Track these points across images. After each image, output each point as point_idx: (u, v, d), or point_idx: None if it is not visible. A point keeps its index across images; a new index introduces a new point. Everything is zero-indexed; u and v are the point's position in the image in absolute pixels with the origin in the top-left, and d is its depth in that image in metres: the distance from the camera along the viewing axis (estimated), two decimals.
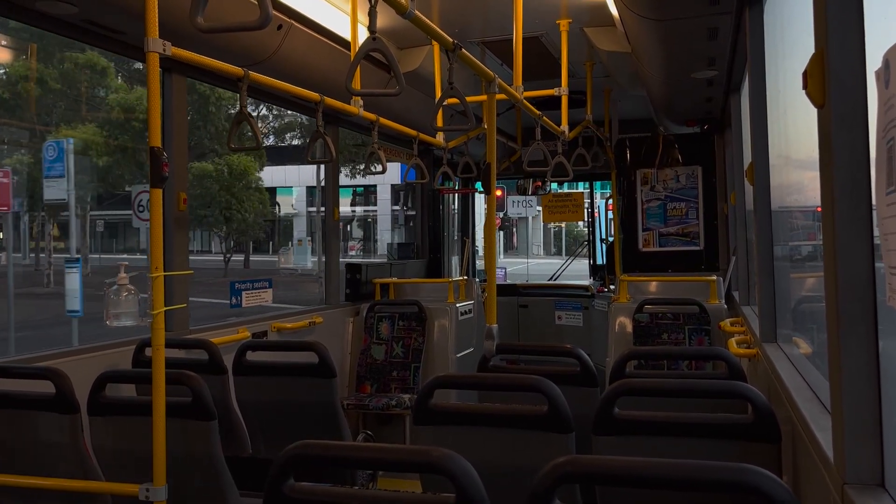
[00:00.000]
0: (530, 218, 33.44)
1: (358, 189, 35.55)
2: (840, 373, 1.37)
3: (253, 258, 31.77)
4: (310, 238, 32.72)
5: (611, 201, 7.35)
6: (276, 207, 34.44)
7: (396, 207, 33.66)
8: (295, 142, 29.10)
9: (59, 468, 2.47)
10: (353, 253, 35.46)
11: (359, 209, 37.00)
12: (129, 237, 35.27)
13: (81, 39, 3.41)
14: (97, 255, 28.95)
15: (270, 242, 35.34)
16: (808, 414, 1.82)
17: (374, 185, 32.96)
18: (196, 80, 4.06)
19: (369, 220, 36.03)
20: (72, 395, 2.44)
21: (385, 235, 33.69)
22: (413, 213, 7.68)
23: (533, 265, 23.21)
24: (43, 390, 2.46)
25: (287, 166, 32.23)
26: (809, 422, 1.75)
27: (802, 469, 1.86)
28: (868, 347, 1.35)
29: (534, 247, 36.87)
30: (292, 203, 36.07)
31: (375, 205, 34.88)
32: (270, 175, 35.48)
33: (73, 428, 2.44)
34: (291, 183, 35.38)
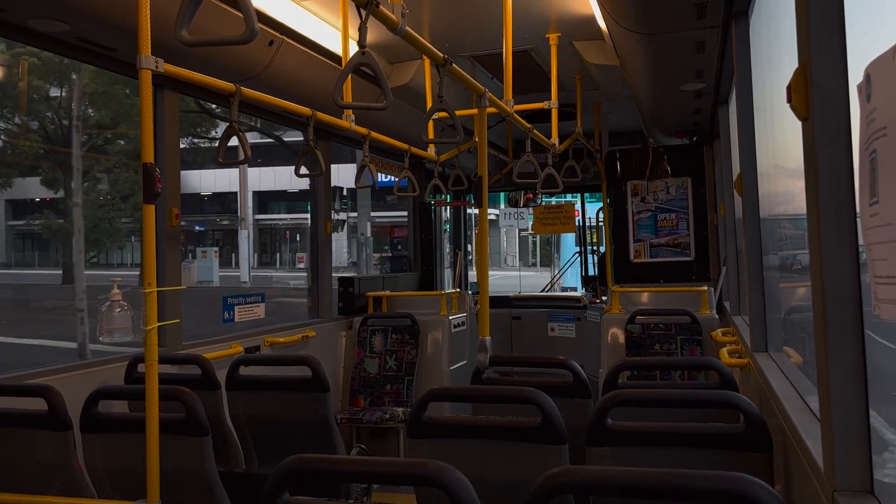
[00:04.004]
0: (503, 228, 30.93)
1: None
2: (828, 381, 1.38)
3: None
4: (215, 250, 28.54)
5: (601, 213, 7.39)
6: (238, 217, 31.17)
7: (354, 214, 30.62)
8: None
9: (52, 486, 2.46)
10: (301, 265, 31.64)
11: (304, 215, 32.50)
12: (52, 248, 31.41)
13: (74, 56, 3.43)
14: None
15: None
16: (799, 422, 1.84)
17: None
18: (189, 97, 4.07)
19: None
20: (64, 412, 2.43)
21: (340, 245, 30.05)
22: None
23: (500, 277, 21.72)
24: (35, 407, 2.45)
25: (231, 169, 28.32)
26: (800, 430, 1.77)
27: (794, 477, 1.87)
28: (855, 356, 1.36)
29: (508, 257, 35.63)
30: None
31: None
32: (214, 178, 31.87)
33: (66, 445, 2.43)
34: (237, 187, 31.61)
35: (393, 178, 6.22)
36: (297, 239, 35.18)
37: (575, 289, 10.24)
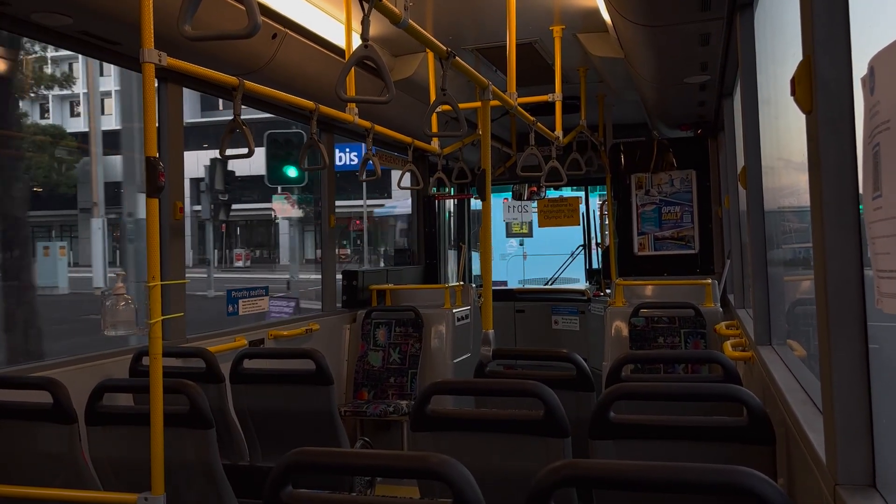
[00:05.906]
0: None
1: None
2: (831, 374, 1.38)
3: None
4: (61, 245, 22.86)
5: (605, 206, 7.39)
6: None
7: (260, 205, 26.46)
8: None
9: (57, 478, 2.47)
10: (238, 263, 28.17)
11: (251, 205, 28.63)
12: None
13: (77, 50, 3.43)
14: None
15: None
16: (802, 415, 1.84)
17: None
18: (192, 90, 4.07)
19: (277, 220, 28.70)
20: (69, 405, 2.44)
21: (291, 240, 25.82)
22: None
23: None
24: (40, 400, 2.46)
25: None
26: (802, 423, 1.77)
27: (796, 470, 1.87)
28: (858, 349, 1.36)
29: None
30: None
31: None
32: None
33: (71, 438, 2.45)
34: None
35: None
36: (237, 233, 31.30)
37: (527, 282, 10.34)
